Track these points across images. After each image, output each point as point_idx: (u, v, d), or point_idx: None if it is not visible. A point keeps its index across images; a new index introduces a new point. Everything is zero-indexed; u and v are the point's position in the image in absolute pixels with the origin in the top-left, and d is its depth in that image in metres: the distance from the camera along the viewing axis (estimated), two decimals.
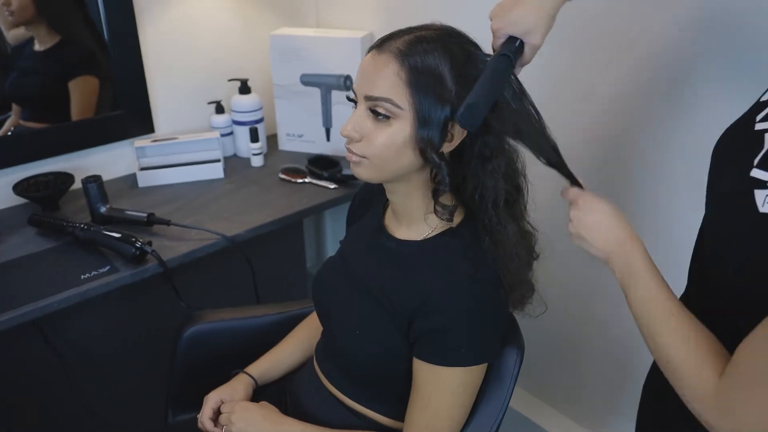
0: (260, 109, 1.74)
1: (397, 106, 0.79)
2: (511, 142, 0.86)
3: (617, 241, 0.77)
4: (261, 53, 1.80)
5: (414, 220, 0.91)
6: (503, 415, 0.94)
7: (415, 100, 0.78)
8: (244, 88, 1.72)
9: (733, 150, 0.70)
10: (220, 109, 1.75)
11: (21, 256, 1.28)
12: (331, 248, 2.25)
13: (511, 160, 0.87)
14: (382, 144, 0.81)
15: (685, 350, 0.68)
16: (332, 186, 1.60)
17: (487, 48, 0.85)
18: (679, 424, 0.79)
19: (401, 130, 0.80)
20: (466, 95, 0.77)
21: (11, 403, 1.50)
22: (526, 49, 0.81)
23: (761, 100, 0.69)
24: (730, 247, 0.66)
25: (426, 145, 0.80)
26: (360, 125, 0.82)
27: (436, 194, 0.85)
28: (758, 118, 0.66)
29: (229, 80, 1.74)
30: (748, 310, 0.61)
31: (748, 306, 0.62)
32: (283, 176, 1.65)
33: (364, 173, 0.85)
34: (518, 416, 1.64)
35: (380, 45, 0.82)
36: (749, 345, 0.61)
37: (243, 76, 1.73)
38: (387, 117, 0.80)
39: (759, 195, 0.60)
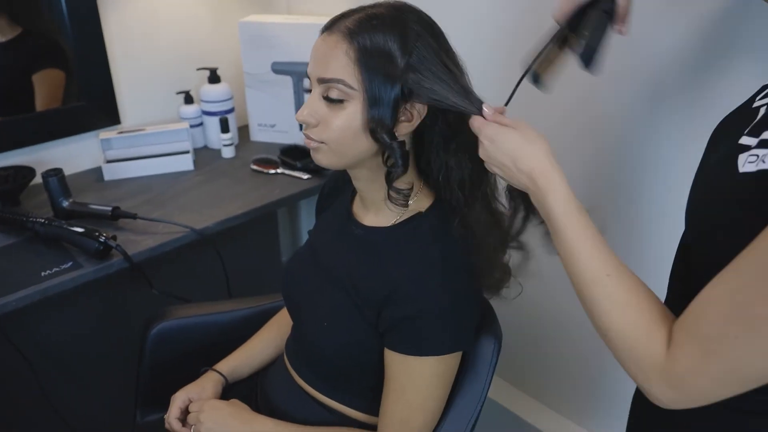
0: (230, 98, 1.69)
1: (350, 87, 0.76)
2: None
3: (530, 176, 0.70)
4: (230, 41, 1.75)
5: (381, 206, 0.88)
6: (481, 407, 0.91)
7: (364, 78, 0.76)
8: (214, 78, 1.67)
9: (728, 127, 0.67)
10: (189, 99, 1.69)
11: None
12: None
13: (475, 137, 0.83)
14: (338, 128, 0.78)
15: (626, 317, 0.62)
16: (305, 176, 1.56)
17: (444, 24, 0.81)
18: None
19: (356, 112, 0.77)
20: (414, 74, 0.75)
21: None
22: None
23: (766, 84, 0.67)
24: (711, 216, 0.62)
25: (376, 125, 0.77)
26: (315, 110, 0.79)
27: (389, 178, 0.81)
28: (758, 97, 0.65)
29: (198, 69, 1.68)
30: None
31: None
32: (254, 167, 1.60)
33: (323, 159, 0.82)
34: (498, 408, 1.62)
35: (330, 26, 0.79)
36: (699, 308, 0.57)
37: (212, 65, 1.68)
38: (341, 100, 0.77)
39: (741, 158, 0.58)
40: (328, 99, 0.78)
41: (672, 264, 0.80)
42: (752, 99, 0.67)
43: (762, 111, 0.61)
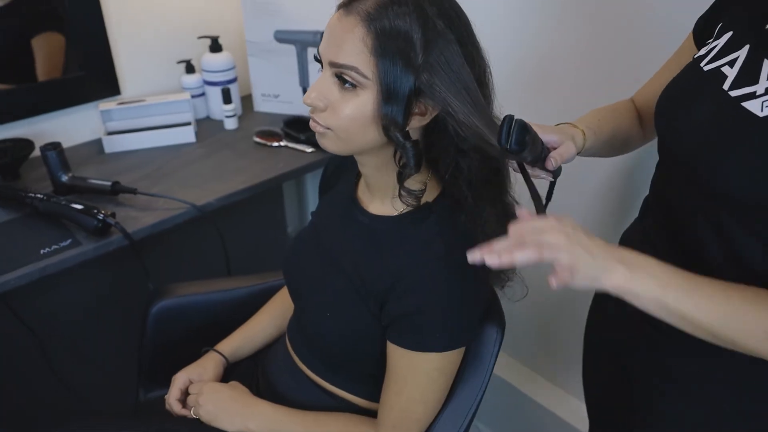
0: (233, 68, 1.65)
1: (363, 76, 0.71)
2: (493, 122, 0.78)
3: (620, 250, 0.65)
4: (232, 8, 1.70)
5: (387, 194, 0.84)
6: (482, 396, 0.89)
7: (380, 69, 0.70)
8: (215, 46, 1.62)
9: (689, 91, 0.73)
10: (190, 68, 1.65)
11: None
12: None
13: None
14: (348, 116, 0.73)
15: None
16: (309, 149, 1.52)
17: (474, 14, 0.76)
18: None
19: (367, 101, 0.72)
20: (428, 75, 0.70)
21: None
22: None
23: (695, 56, 0.76)
24: (729, 158, 0.66)
25: (389, 123, 0.72)
26: (325, 93, 0.75)
27: (400, 177, 0.77)
28: (703, 64, 0.73)
29: (199, 38, 1.63)
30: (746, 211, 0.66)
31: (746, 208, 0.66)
32: (257, 140, 1.57)
33: (329, 145, 0.78)
34: (509, 387, 1.61)
35: (348, 4, 0.72)
36: None
37: (213, 33, 1.63)
38: (354, 86, 0.72)
39: (753, 104, 0.65)
40: (340, 83, 0.73)
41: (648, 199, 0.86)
42: (694, 67, 0.74)
43: (731, 68, 0.68)
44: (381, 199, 0.86)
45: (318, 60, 0.76)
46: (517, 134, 0.67)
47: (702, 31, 0.81)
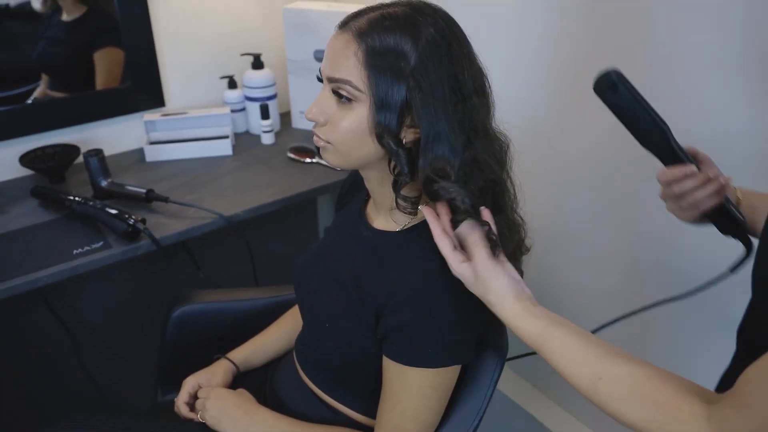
0: (273, 85, 1.70)
1: (357, 89, 0.74)
2: (492, 132, 0.79)
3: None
4: (275, 27, 1.76)
5: (389, 209, 0.86)
6: (479, 422, 0.88)
7: (371, 82, 0.73)
8: (257, 63, 1.68)
9: None
10: (232, 84, 1.71)
11: (19, 228, 1.28)
12: None
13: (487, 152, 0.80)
14: (345, 129, 0.76)
15: (640, 413, 0.61)
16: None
17: (469, 27, 0.78)
18: None
19: (362, 113, 0.75)
20: (422, 76, 0.72)
21: (14, 364, 1.54)
22: None
23: None
24: None
25: (382, 131, 0.75)
26: (324, 108, 0.78)
27: (396, 186, 0.79)
28: None
29: (242, 54, 1.70)
30: None
31: None
32: (291, 155, 1.61)
33: (331, 159, 0.81)
34: (516, 408, 1.58)
35: (345, 24, 0.77)
36: (757, 380, 0.54)
37: (256, 51, 1.69)
38: (349, 99, 0.75)
39: None
40: (337, 98, 0.77)
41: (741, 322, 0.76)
42: None
43: None
44: (385, 214, 0.88)
45: (320, 79, 0.79)
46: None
47: None
